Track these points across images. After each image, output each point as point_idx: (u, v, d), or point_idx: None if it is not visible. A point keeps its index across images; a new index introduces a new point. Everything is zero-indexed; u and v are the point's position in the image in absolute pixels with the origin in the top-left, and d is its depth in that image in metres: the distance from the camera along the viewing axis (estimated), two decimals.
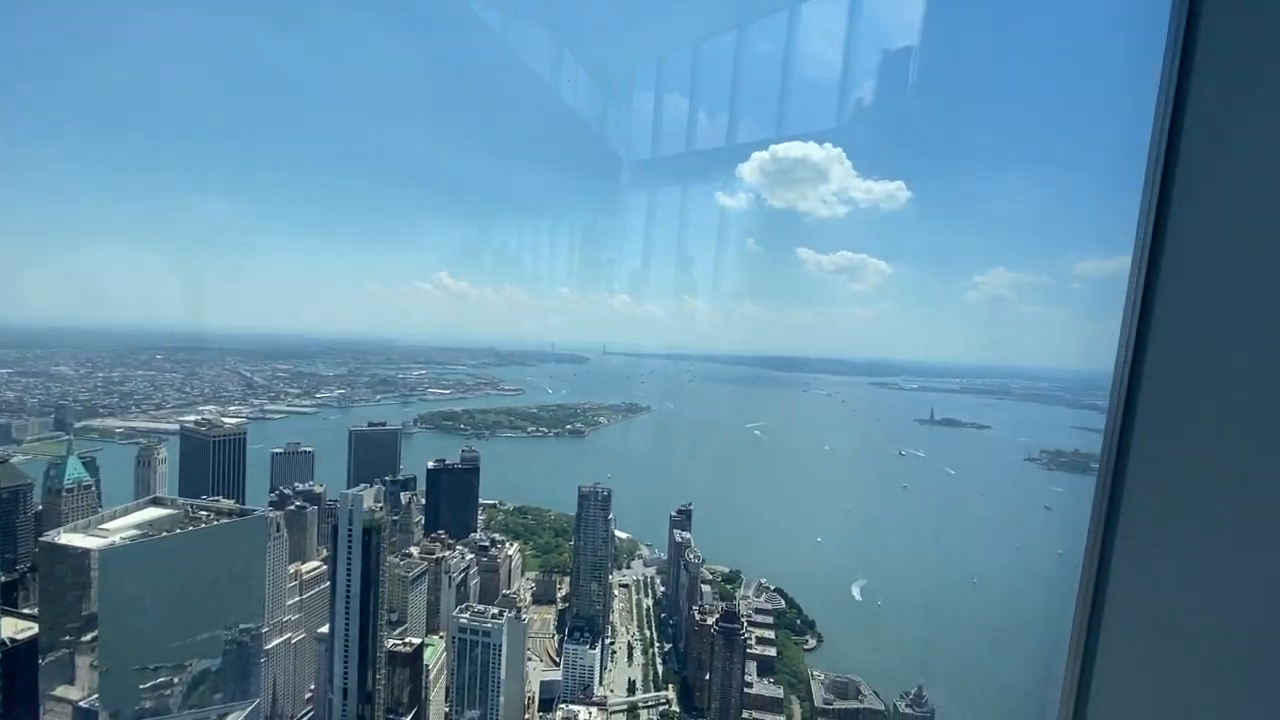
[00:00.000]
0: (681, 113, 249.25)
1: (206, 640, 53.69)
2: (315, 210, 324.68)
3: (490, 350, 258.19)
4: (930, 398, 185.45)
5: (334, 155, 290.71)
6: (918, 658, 78.77)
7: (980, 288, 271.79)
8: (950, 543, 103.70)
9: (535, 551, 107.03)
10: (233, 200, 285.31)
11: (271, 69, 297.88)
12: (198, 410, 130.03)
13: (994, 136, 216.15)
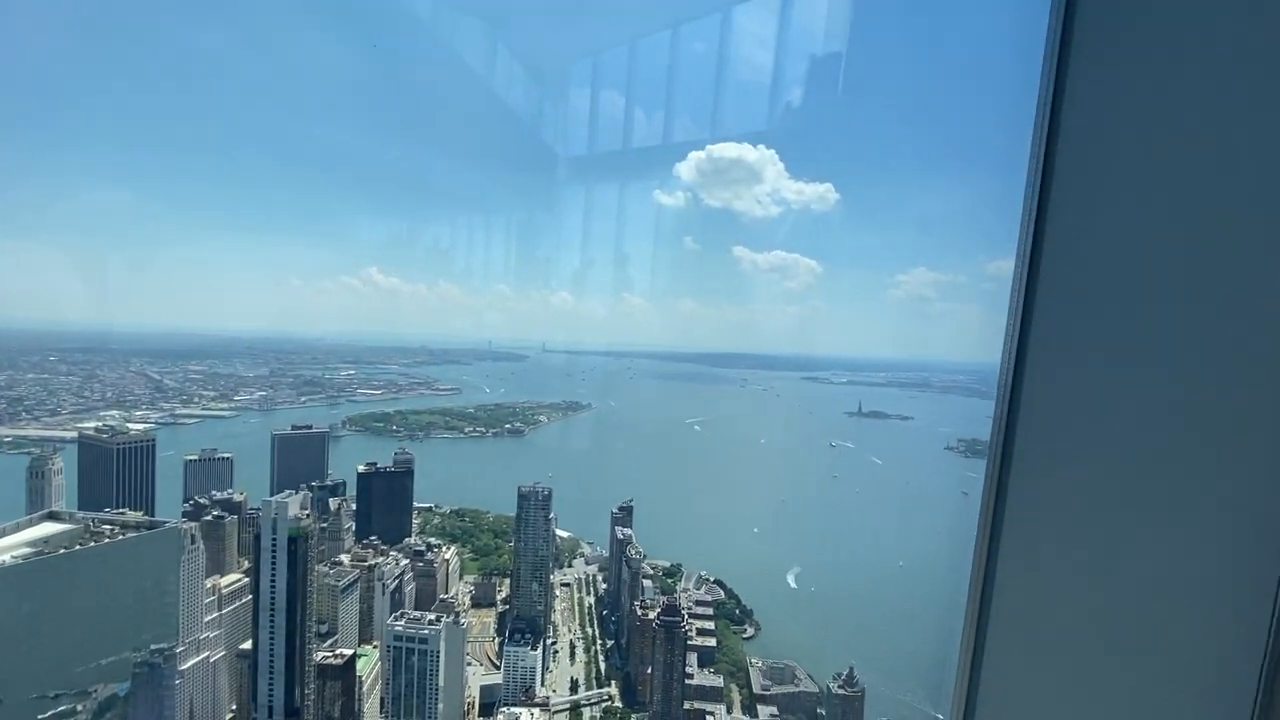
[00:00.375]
0: (618, 110, 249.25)
1: (113, 663, 49.78)
2: (231, 202, 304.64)
3: (424, 349, 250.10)
4: (858, 391, 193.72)
5: (253, 144, 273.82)
6: (849, 640, 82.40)
7: (903, 286, 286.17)
8: (878, 528, 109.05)
9: (474, 554, 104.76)
10: (138, 190, 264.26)
11: (181, 50, 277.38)
12: (99, 416, 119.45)
13: (915, 141, 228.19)
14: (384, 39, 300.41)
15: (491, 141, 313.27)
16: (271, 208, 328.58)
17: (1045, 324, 2.39)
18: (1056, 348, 2.39)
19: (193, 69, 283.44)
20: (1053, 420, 2.40)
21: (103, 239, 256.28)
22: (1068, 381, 2.37)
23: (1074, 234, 2.36)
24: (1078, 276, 2.36)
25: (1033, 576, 2.45)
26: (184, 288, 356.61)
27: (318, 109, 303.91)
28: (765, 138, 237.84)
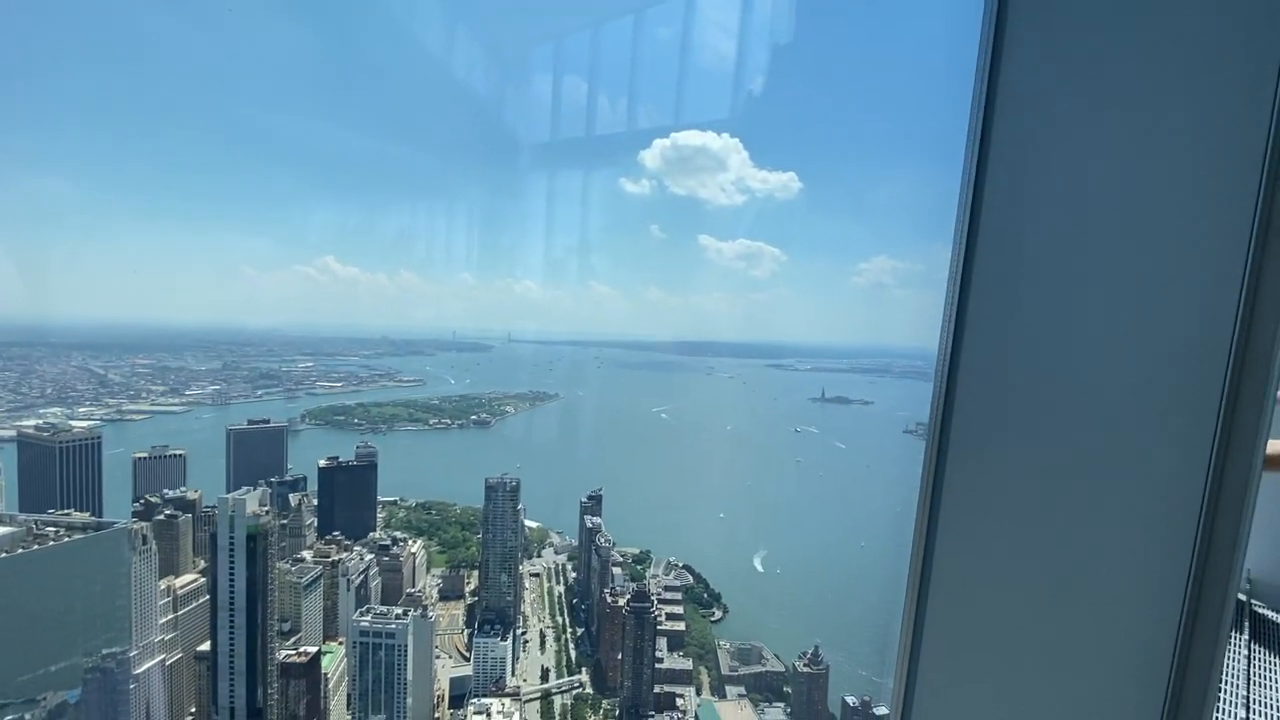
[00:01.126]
0: (581, 96, 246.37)
1: (62, 669, 47.95)
2: (177, 189, 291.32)
3: (385, 339, 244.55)
4: (822, 378, 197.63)
5: (202, 130, 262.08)
6: (813, 619, 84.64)
7: (864, 274, 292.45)
8: (840, 510, 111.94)
9: (441, 547, 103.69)
10: (78, 176, 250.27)
11: (128, 31, 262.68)
12: (39, 414, 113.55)
13: (876, 130, 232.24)
14: (341, 21, 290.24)
15: (453, 128, 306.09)
16: (221, 194, 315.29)
17: (980, 312, 2.50)
18: (991, 335, 2.49)
19: (141, 51, 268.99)
20: (987, 405, 2.51)
21: (39, 227, 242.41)
22: (1003, 368, 2.48)
23: (1007, 224, 2.46)
24: (1012, 265, 2.45)
25: (969, 557, 2.58)
26: (128, 278, 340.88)
27: (271, 93, 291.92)
28: (729, 125, 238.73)
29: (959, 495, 2.58)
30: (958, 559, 2.60)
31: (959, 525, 2.59)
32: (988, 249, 2.50)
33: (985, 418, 2.53)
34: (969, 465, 2.56)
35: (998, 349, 2.50)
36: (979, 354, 2.52)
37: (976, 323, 2.52)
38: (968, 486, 2.57)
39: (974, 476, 2.56)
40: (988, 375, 2.51)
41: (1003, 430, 2.50)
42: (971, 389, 2.53)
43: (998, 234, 2.48)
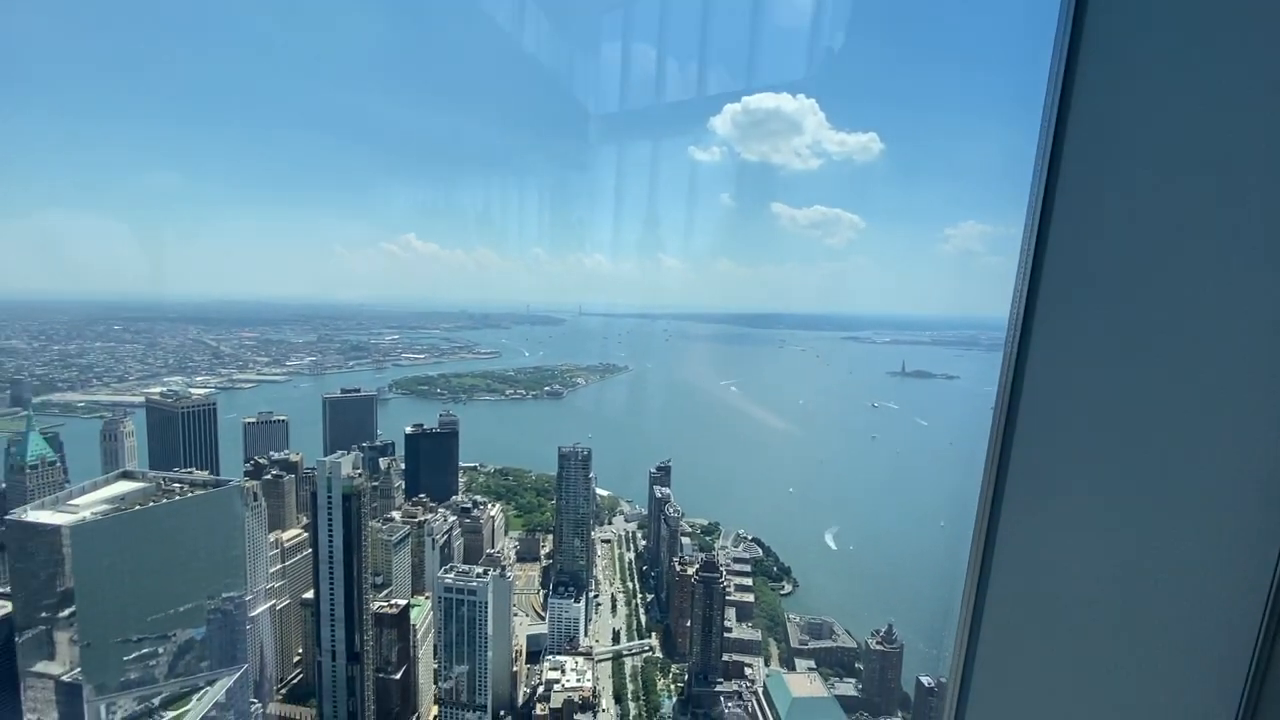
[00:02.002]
0: (650, 63, 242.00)
1: (189, 610, 53.66)
2: (275, 174, 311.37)
3: (463, 313, 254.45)
4: (902, 350, 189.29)
5: (293, 116, 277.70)
6: (887, 598, 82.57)
7: (951, 240, 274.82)
8: (920, 489, 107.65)
9: (517, 511, 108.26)
10: (189, 165, 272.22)
11: (226, 29, 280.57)
12: (163, 382, 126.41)
13: (965, 86, 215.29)
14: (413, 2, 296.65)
15: (523, 102, 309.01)
16: (312, 178, 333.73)
17: (1053, 288, 2.30)
18: (1061, 333, 2.30)
19: (229, 43, 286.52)
20: (1058, 383, 2.34)
21: (155, 215, 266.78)
22: (1076, 343, 2.28)
23: (1086, 191, 2.24)
24: (1090, 233, 2.24)
25: (1029, 553, 2.43)
26: (234, 258, 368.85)
27: (350, 77, 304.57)
28: (805, 86, 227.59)
29: (1024, 481, 2.41)
30: (1020, 544, 2.44)
31: (1021, 528, 2.44)
32: (1064, 216, 2.26)
33: (1055, 397, 2.34)
34: (1036, 450, 2.38)
35: (1071, 325, 2.28)
36: (1051, 330, 2.31)
37: (1049, 299, 2.30)
38: (1034, 472, 2.39)
39: (1040, 463, 2.38)
40: (1060, 350, 2.30)
41: (1073, 412, 2.30)
42: (1042, 365, 2.33)
43: (1075, 201, 2.24)
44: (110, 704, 49.62)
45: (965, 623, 2.57)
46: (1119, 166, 2.18)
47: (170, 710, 51.25)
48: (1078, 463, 2.29)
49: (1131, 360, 2.17)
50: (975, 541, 2.55)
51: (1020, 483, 2.42)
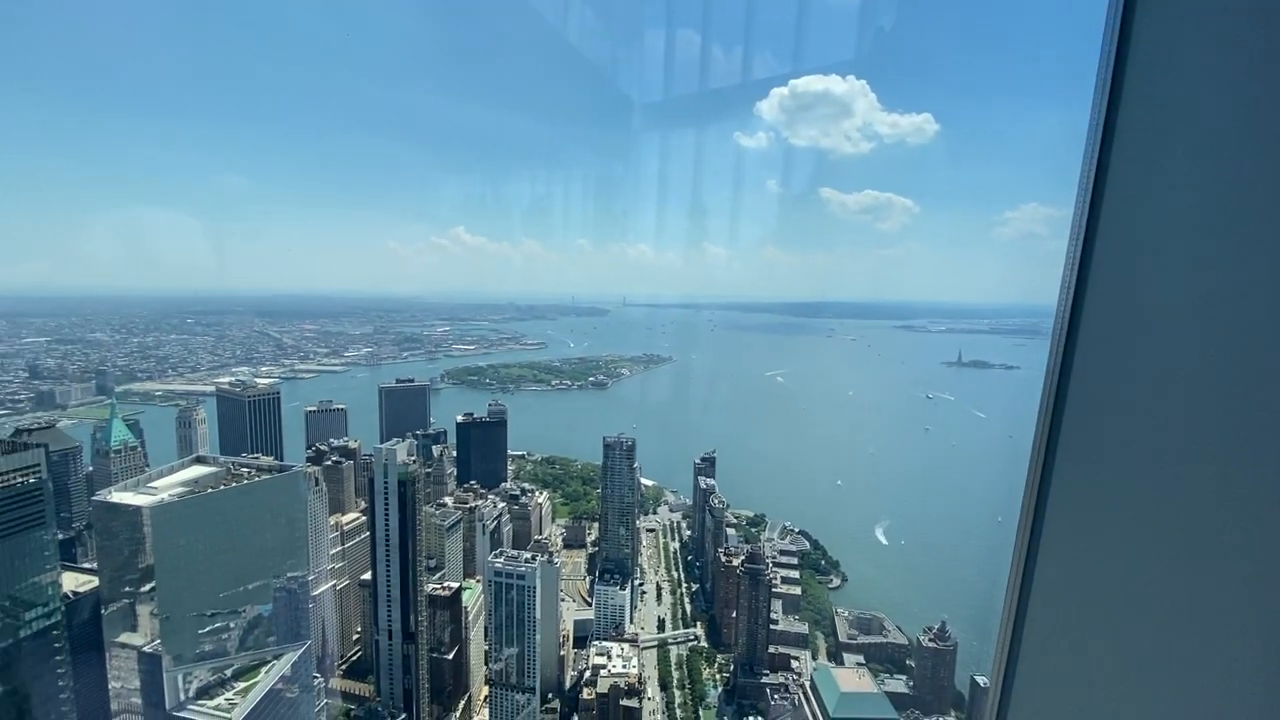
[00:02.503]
0: (694, 49, 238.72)
1: (258, 588, 56.67)
2: (332, 173, 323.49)
3: (511, 305, 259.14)
4: (958, 339, 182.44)
5: (348, 117, 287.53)
6: (940, 594, 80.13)
7: (1011, 224, 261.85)
8: (976, 483, 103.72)
9: (564, 499, 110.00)
10: (253, 166, 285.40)
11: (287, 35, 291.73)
12: (231, 372, 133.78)
13: (1025, 63, 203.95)
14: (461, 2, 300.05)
15: (566, 94, 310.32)
16: (367, 177, 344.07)
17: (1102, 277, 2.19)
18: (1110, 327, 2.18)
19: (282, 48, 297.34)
20: (1106, 373, 2.22)
21: (223, 215, 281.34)
22: (1122, 357, 2.16)
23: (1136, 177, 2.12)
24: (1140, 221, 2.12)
25: (1074, 551, 2.33)
26: (295, 254, 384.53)
27: (403, 79, 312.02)
28: (855, 67, 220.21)
29: (1070, 477, 2.31)
30: (1065, 541, 2.33)
31: (1068, 506, 2.33)
32: (1114, 205, 2.15)
33: (1103, 391, 2.22)
34: (1082, 445, 2.27)
35: (1120, 320, 2.16)
36: (1099, 324, 2.21)
37: (1098, 294, 2.20)
38: (1080, 468, 2.28)
39: (1087, 458, 2.26)
40: (1108, 338, 2.19)
41: (1122, 406, 2.17)
42: (1090, 358, 2.23)
43: (1126, 189, 2.12)
44: (187, 673, 53.05)
45: (1008, 619, 2.51)
46: (1171, 151, 2.05)
47: (240, 681, 54.42)
48: (1125, 460, 2.17)
49: (1184, 352, 2.04)
50: (1019, 537, 2.48)
51: (1066, 478, 2.33)
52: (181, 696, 52.71)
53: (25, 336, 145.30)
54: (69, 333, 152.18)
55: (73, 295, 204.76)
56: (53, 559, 43.69)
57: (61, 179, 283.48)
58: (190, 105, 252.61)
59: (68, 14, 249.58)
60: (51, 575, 43.28)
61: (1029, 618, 2.45)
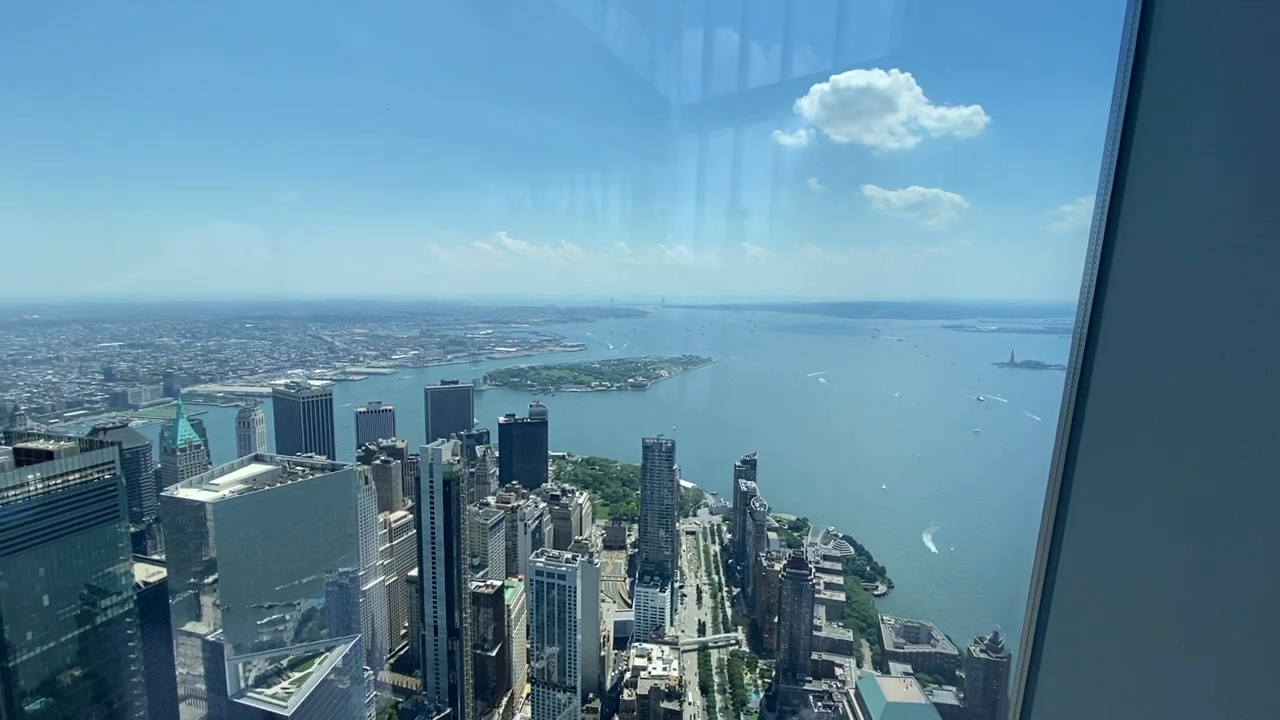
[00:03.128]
0: (733, 48, 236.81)
1: (311, 582, 58.93)
2: (377, 180, 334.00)
3: (551, 307, 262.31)
4: (1010, 339, 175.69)
5: (391, 126, 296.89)
6: (992, 603, 77.24)
7: (1068, 218, 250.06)
8: (1030, 488, 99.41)
9: (604, 500, 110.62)
10: (307, 176, 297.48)
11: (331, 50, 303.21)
12: (287, 374, 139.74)
13: (1078, 49, 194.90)
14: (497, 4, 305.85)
15: (606, 100, 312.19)
16: (411, 184, 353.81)
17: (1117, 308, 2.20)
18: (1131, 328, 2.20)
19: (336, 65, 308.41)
20: (1125, 395, 2.22)
21: (280, 227, 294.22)
22: (1142, 357, 2.18)
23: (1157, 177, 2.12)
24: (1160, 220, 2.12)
25: (1095, 551, 2.34)
26: (346, 260, 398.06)
27: (445, 86, 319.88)
28: (898, 61, 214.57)
29: (1091, 476, 2.32)
30: (1086, 541, 2.35)
31: (1089, 506, 2.34)
32: (1134, 201, 2.16)
33: (1124, 391, 2.23)
34: (1103, 445, 2.27)
35: (1141, 321, 2.18)
36: (1120, 325, 2.22)
37: (1118, 293, 2.21)
38: (1101, 467, 2.29)
39: (1108, 457, 2.27)
40: (1130, 343, 2.20)
41: (1143, 407, 2.19)
42: (1111, 357, 2.24)
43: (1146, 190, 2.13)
44: (247, 662, 55.55)
45: (1032, 613, 2.55)
46: (1190, 146, 2.06)
47: (295, 671, 56.66)
48: (1145, 455, 2.18)
49: (1202, 348, 2.05)
50: (1043, 531, 2.50)
51: (1088, 474, 2.33)
52: (242, 684, 55.28)
53: (101, 341, 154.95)
54: (140, 337, 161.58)
55: (143, 302, 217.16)
56: (125, 550, 46.33)
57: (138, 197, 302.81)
58: (249, 121, 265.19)
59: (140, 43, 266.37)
60: (124, 566, 45.90)
61: (1053, 611, 2.46)
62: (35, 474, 41.17)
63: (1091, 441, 2.29)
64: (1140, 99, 2.09)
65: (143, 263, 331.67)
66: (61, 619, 41.90)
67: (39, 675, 40.77)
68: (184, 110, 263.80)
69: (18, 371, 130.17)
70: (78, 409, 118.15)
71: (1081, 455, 2.31)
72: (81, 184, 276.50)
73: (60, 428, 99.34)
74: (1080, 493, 2.34)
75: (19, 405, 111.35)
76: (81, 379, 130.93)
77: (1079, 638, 2.41)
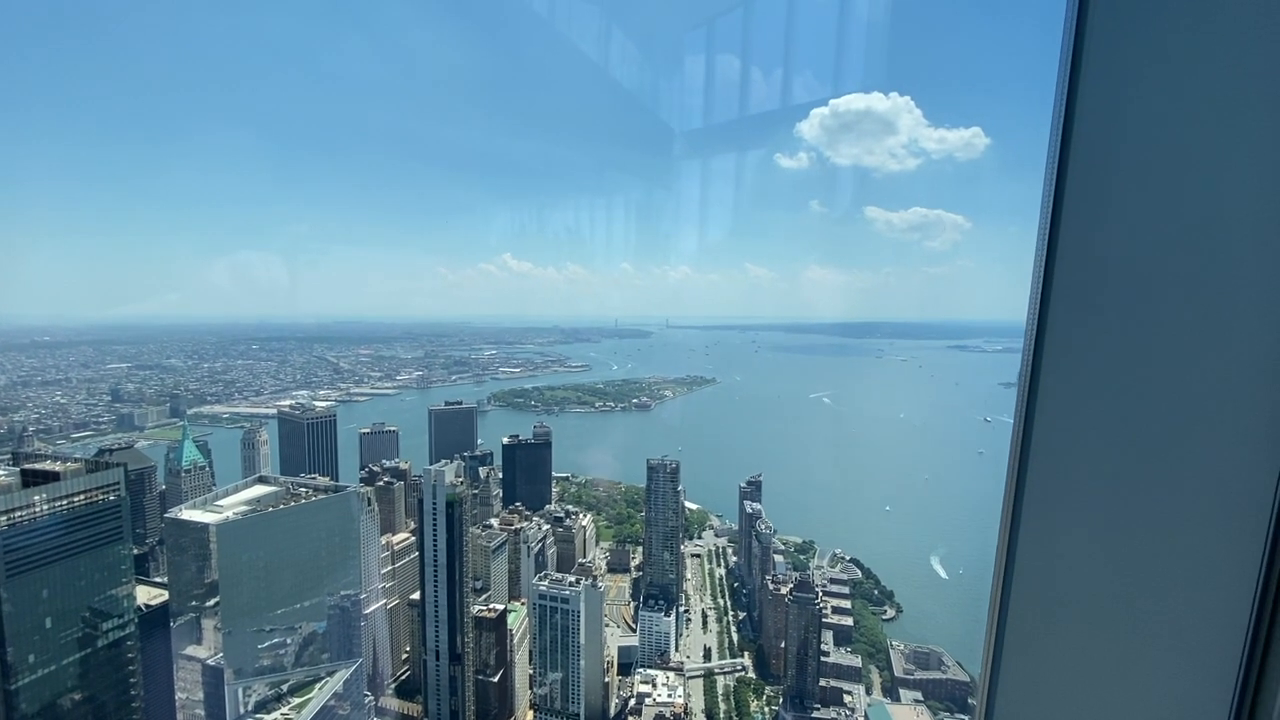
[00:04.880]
0: (734, 73, 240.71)
1: (313, 605, 58.48)
2: (383, 202, 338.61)
3: (555, 328, 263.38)
4: (1016, 359, 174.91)
5: (397, 149, 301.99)
6: None
7: None
8: None
9: (608, 522, 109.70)
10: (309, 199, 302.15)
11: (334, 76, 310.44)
12: (292, 395, 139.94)
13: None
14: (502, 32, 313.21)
15: (609, 124, 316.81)
16: (415, 206, 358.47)
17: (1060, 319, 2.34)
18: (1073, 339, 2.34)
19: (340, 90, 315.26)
20: (1068, 409, 2.38)
21: (290, 255, 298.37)
22: (1084, 369, 2.32)
23: (1088, 228, 2.26)
24: (1093, 275, 2.27)
25: (1046, 554, 2.51)
26: (351, 281, 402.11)
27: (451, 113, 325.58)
28: (898, 84, 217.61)
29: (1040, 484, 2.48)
30: (1038, 545, 2.51)
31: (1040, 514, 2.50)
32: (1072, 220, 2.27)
33: (1067, 404, 2.39)
34: (1051, 454, 2.43)
35: (1082, 332, 2.32)
36: (1063, 336, 2.36)
37: (1060, 304, 2.33)
38: (1049, 475, 2.45)
39: (1055, 465, 2.44)
40: (1072, 356, 2.35)
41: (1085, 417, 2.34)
42: (1056, 371, 2.39)
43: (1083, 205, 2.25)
44: (247, 687, 54.88)
45: (992, 622, 2.66)
46: (1125, 166, 2.16)
47: (296, 696, 55.91)
48: (1089, 465, 2.33)
49: (1141, 364, 2.18)
50: (1000, 544, 2.62)
51: (1037, 486, 2.47)
52: (241, 710, 54.51)
53: (109, 363, 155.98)
54: (147, 359, 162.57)
55: (151, 324, 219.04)
56: (128, 573, 46.13)
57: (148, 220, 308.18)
58: (256, 147, 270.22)
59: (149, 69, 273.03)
60: (127, 589, 45.67)
61: (1010, 615, 2.58)
62: (41, 495, 41.27)
63: (1040, 451, 2.44)
64: (1076, 106, 2.22)
65: (152, 286, 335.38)
66: (63, 642, 41.60)
67: (40, 699, 40.38)
68: (195, 140, 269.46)
69: (27, 393, 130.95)
70: (85, 430, 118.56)
71: (1032, 465, 2.46)
72: (92, 209, 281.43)
73: (67, 449, 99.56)
74: (1031, 504, 2.48)
75: (27, 426, 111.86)
76: (89, 400, 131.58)
77: (1033, 645, 2.55)
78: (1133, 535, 2.27)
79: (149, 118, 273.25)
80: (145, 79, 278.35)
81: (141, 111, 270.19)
